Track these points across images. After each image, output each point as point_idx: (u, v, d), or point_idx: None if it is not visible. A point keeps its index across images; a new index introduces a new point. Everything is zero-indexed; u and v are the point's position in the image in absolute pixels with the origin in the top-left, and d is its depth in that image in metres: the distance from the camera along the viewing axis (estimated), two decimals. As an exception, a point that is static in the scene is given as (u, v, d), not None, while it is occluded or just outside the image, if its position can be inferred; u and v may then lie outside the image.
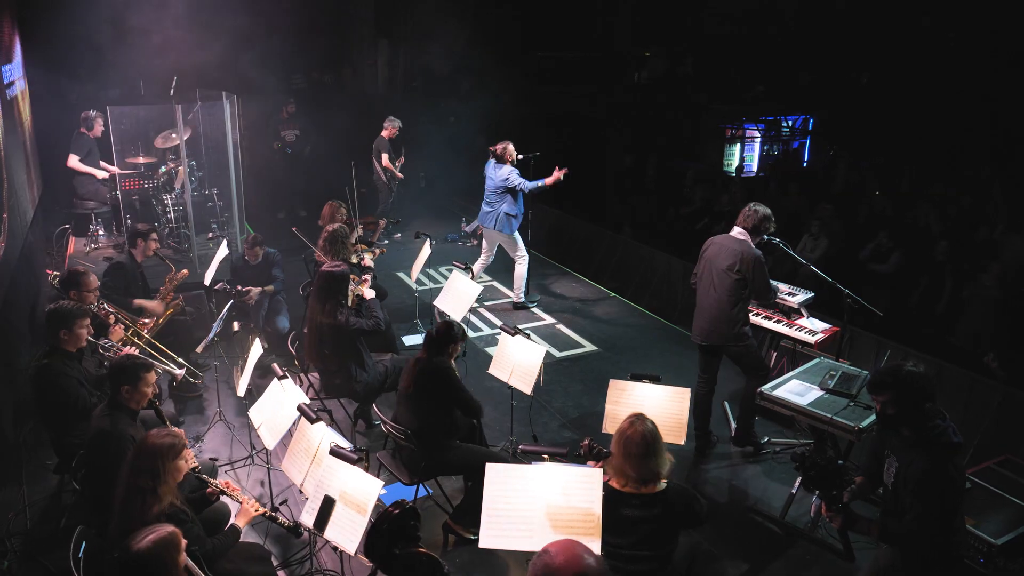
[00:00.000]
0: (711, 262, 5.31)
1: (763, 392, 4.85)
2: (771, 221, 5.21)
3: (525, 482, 3.04)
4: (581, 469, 3.10)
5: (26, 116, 8.62)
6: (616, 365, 7.16)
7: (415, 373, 4.42)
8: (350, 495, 3.40)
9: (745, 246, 5.13)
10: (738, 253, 5.12)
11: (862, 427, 4.43)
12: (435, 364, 4.40)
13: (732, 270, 5.16)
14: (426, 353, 4.46)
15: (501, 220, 7.93)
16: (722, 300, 5.24)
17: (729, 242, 5.23)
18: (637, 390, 4.49)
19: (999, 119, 12.36)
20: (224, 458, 5.45)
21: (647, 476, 3.25)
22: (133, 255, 6.13)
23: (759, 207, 5.21)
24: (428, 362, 4.41)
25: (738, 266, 5.12)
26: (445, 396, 4.39)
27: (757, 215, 5.17)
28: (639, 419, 3.35)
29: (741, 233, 5.21)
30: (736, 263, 5.13)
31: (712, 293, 5.30)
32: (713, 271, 5.29)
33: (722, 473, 5.54)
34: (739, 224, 5.24)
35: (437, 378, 4.36)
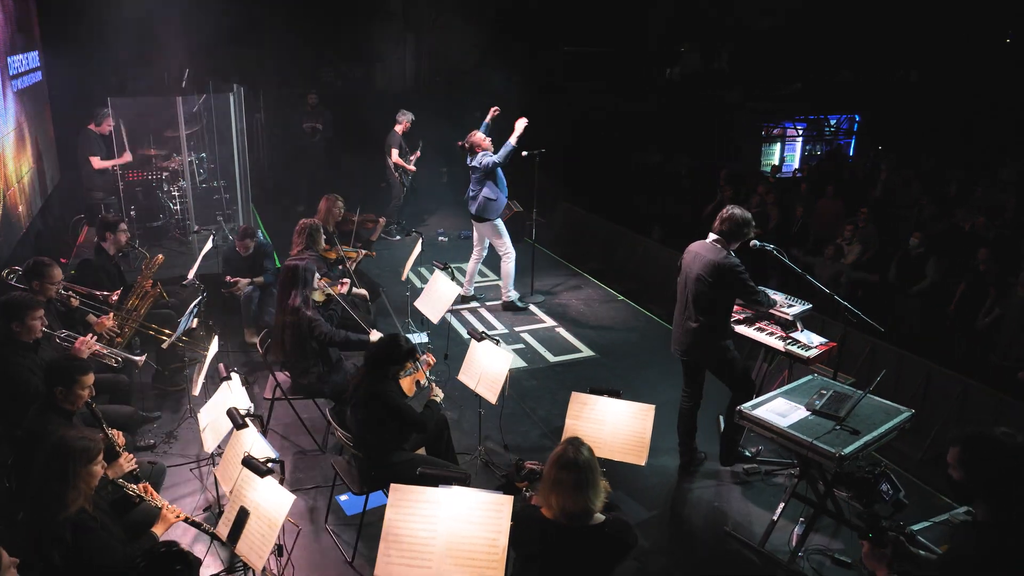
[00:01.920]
0: (687, 271, 4.99)
1: (742, 411, 4.51)
2: (750, 225, 4.87)
3: (429, 506, 2.81)
4: (490, 496, 2.85)
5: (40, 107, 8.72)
6: (612, 372, 6.87)
7: (358, 388, 4.21)
8: (263, 508, 3.22)
9: (720, 256, 4.80)
10: (712, 265, 4.80)
11: (844, 454, 4.06)
12: (373, 391, 4.12)
13: (705, 281, 4.84)
14: (367, 372, 4.21)
15: (481, 205, 7.72)
16: (698, 311, 4.92)
17: (704, 250, 4.91)
18: (599, 405, 4.22)
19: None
20: (192, 455, 5.35)
21: (576, 511, 2.95)
22: (104, 248, 6.08)
23: (736, 210, 4.87)
24: (369, 385, 4.16)
25: (711, 279, 4.81)
26: (385, 420, 4.16)
27: (733, 219, 4.83)
28: (574, 445, 3.03)
29: (716, 240, 4.88)
30: (709, 275, 4.81)
31: (688, 304, 4.99)
32: (688, 281, 4.98)
33: (705, 493, 5.21)
34: (714, 229, 4.91)
35: (376, 403, 4.12)
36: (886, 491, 3.80)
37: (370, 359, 4.19)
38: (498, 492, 2.85)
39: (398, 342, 4.20)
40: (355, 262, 6.87)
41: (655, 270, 9.13)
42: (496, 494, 2.85)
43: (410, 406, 4.20)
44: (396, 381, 4.30)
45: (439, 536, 2.76)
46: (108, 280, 6.14)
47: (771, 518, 4.66)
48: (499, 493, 2.85)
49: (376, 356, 4.17)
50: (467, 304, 8.33)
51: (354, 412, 4.25)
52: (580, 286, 9.22)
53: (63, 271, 5.21)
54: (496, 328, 7.76)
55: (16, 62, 7.51)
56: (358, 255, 6.87)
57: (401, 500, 2.83)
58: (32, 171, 7.87)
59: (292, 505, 4.85)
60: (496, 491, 2.87)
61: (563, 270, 9.90)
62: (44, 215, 8.27)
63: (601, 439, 4.15)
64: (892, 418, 4.45)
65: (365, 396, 4.12)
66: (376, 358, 4.17)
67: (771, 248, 5.13)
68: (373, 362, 4.17)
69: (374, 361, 4.17)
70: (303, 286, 5.17)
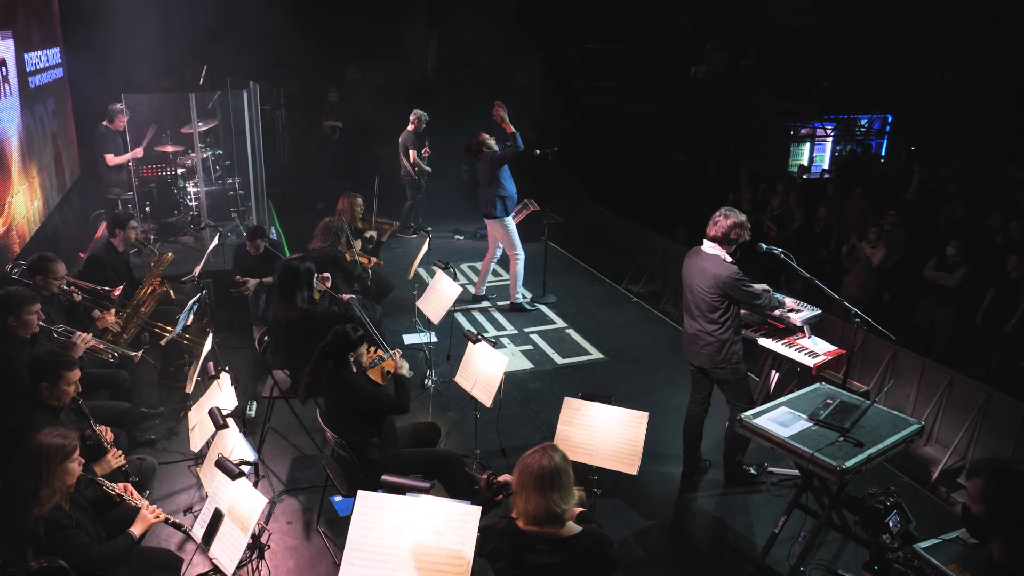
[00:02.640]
0: (689, 278, 4.86)
1: (743, 419, 4.36)
2: (744, 228, 4.71)
3: (395, 515, 2.73)
4: (457, 506, 2.75)
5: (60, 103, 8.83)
6: (619, 376, 6.74)
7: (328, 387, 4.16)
8: (237, 510, 3.17)
9: (718, 266, 4.66)
10: (711, 275, 4.67)
11: (846, 467, 3.89)
12: (344, 384, 4.08)
13: (707, 291, 4.71)
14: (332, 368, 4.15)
15: (492, 203, 7.63)
16: (704, 321, 4.79)
17: (701, 260, 4.77)
18: (591, 411, 4.10)
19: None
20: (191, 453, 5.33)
21: (542, 514, 2.83)
22: (113, 244, 6.11)
23: (730, 213, 4.72)
24: (335, 380, 4.10)
25: (711, 291, 4.69)
26: (361, 407, 4.09)
27: (727, 223, 4.68)
28: (545, 449, 2.93)
29: (711, 247, 4.74)
30: (709, 287, 4.70)
31: (693, 311, 4.87)
32: (691, 289, 4.85)
33: (707, 503, 5.07)
34: (708, 235, 4.77)
35: (349, 396, 4.06)
36: (895, 524, 3.63)
37: (325, 355, 4.13)
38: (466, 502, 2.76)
39: (345, 330, 4.16)
40: (366, 268, 6.83)
41: (677, 271, 8.90)
42: (463, 504, 2.76)
43: (384, 391, 4.16)
44: (364, 373, 4.25)
45: (404, 546, 2.68)
46: (116, 276, 6.17)
47: (773, 530, 4.50)
48: (466, 503, 2.76)
49: (331, 349, 4.12)
50: (479, 304, 8.25)
51: (330, 411, 4.20)
52: (595, 287, 9.09)
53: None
54: (506, 329, 7.67)
55: (34, 58, 7.61)
56: (369, 262, 6.84)
57: (367, 508, 2.75)
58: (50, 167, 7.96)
59: (286, 505, 4.93)
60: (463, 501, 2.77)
61: (578, 270, 9.77)
62: (63, 210, 8.37)
63: (593, 446, 4.04)
64: (899, 430, 4.27)
65: (336, 391, 4.07)
66: (332, 351, 4.12)
67: (779, 252, 4.96)
68: (329, 356, 4.12)
69: (331, 355, 4.12)
70: (306, 286, 5.13)
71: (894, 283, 9.32)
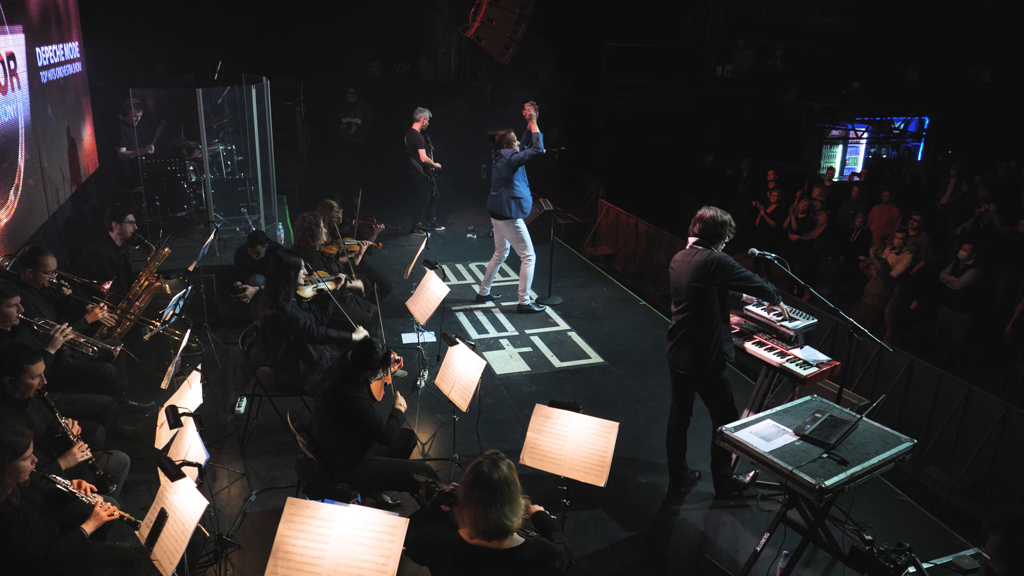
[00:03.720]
0: (677, 283, 4.70)
1: (723, 432, 4.18)
2: (728, 227, 4.56)
3: (323, 523, 2.64)
4: (383, 517, 2.65)
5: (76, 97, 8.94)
6: (617, 381, 6.59)
7: (326, 391, 4.08)
8: (179, 512, 3.12)
9: (705, 255, 4.51)
10: (699, 264, 4.51)
11: (826, 486, 3.70)
12: (345, 394, 3.99)
13: (696, 287, 4.55)
14: (340, 375, 4.07)
15: (507, 204, 7.53)
16: (689, 320, 4.63)
17: (689, 256, 4.62)
18: (561, 419, 3.97)
19: None
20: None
21: (493, 530, 2.73)
22: (111, 239, 6.14)
23: (709, 210, 4.57)
24: (340, 388, 4.02)
25: (702, 280, 4.52)
26: (351, 427, 4.01)
27: (714, 221, 4.52)
28: (491, 459, 2.82)
29: (698, 243, 4.59)
30: (699, 277, 4.52)
31: (679, 314, 4.70)
32: (680, 293, 4.69)
33: (692, 516, 4.89)
34: (691, 233, 4.62)
35: (343, 409, 3.97)
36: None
37: (343, 363, 4.06)
38: (394, 514, 2.66)
39: (374, 348, 4.06)
40: (359, 255, 6.77)
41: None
42: (391, 515, 2.66)
43: (378, 416, 4.06)
44: (367, 386, 4.16)
45: (328, 555, 2.59)
46: (113, 270, 6.21)
47: (754, 548, 4.32)
48: (394, 515, 2.66)
49: (351, 361, 4.04)
50: (482, 304, 8.15)
51: (318, 415, 4.13)
52: (603, 289, 8.92)
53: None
54: (506, 330, 7.56)
55: (48, 52, 7.71)
56: (360, 247, 6.77)
57: (295, 514, 2.67)
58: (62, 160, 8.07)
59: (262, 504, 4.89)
60: (391, 512, 2.67)
61: (588, 272, 9.61)
62: (76, 203, 8.48)
63: (562, 456, 3.92)
64: (889, 448, 4.05)
65: (334, 398, 4.00)
66: (351, 363, 4.03)
67: (772, 257, 4.77)
68: (347, 366, 4.03)
69: (348, 365, 4.03)
70: (284, 281, 5.09)
71: (921, 291, 9.01)
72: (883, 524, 4.84)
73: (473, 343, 4.68)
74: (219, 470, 5.12)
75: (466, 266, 9.42)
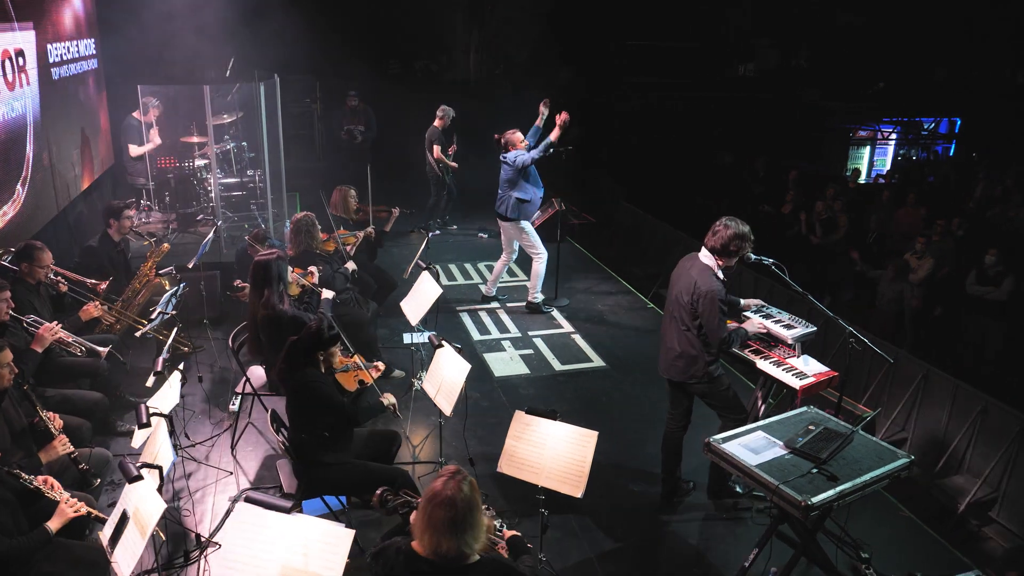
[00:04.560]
0: (674, 283, 4.58)
1: (710, 443, 4.05)
2: (746, 240, 4.39)
3: (269, 531, 2.58)
4: (328, 527, 2.58)
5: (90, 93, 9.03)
6: (617, 386, 6.47)
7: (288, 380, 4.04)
8: (140, 514, 3.08)
9: (705, 278, 4.35)
10: (693, 282, 4.37)
11: (812, 503, 3.56)
12: (303, 380, 3.95)
13: (687, 296, 4.42)
14: (289, 364, 4.03)
15: (512, 206, 7.46)
16: (680, 329, 4.50)
17: (691, 266, 4.48)
18: (540, 426, 3.88)
19: None
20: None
21: (450, 553, 2.64)
22: (108, 235, 6.17)
23: (732, 223, 4.39)
24: (298, 375, 3.98)
25: (691, 296, 4.39)
26: (313, 410, 3.97)
27: (727, 233, 4.36)
28: (455, 479, 2.69)
29: (708, 257, 4.43)
30: (688, 295, 4.39)
31: (672, 320, 4.58)
32: (674, 294, 4.56)
33: (684, 528, 4.76)
34: (706, 243, 4.46)
35: (305, 392, 3.94)
36: None
37: (295, 348, 4.02)
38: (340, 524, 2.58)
39: (320, 327, 4.02)
40: (355, 246, 6.71)
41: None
42: (336, 526, 2.59)
43: (341, 398, 4.01)
44: (330, 374, 4.12)
45: (273, 565, 2.53)
46: (112, 266, 6.25)
47: (742, 564, 4.18)
48: (340, 526, 2.58)
49: (301, 345, 3.99)
50: (487, 304, 8.07)
51: (288, 406, 4.10)
52: (611, 291, 8.78)
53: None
54: (509, 331, 7.47)
55: (60, 49, 7.79)
56: (356, 238, 6.72)
57: (245, 520, 2.62)
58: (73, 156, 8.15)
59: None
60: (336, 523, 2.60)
61: (598, 274, 9.47)
62: (88, 198, 8.57)
63: (540, 464, 3.82)
64: (883, 464, 3.90)
65: (295, 387, 3.96)
66: (300, 347, 3.99)
67: (769, 263, 4.61)
68: (297, 351, 3.99)
69: (298, 350, 3.99)
70: (277, 282, 5.06)
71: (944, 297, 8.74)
72: (882, 541, 4.66)
73: (459, 346, 4.59)
74: (208, 468, 5.10)
75: (475, 266, 9.34)
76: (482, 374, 6.56)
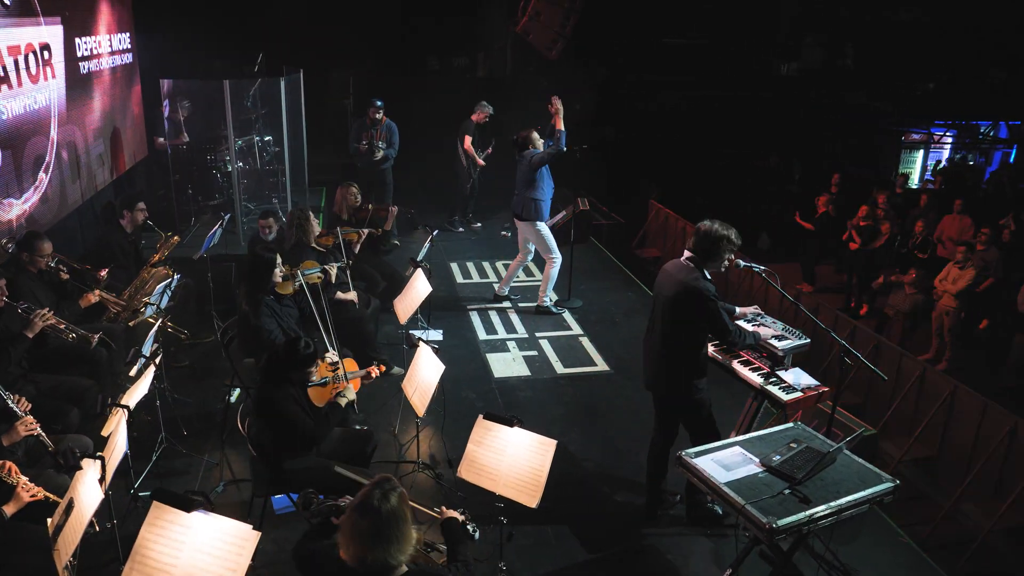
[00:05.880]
0: (658, 293, 4.39)
1: (681, 456, 3.89)
2: (729, 243, 4.18)
3: (181, 530, 2.55)
4: (235, 527, 2.53)
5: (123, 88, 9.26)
6: (619, 392, 6.31)
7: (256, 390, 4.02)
8: (81, 503, 3.11)
9: (691, 278, 4.16)
10: (680, 285, 4.18)
11: (778, 526, 3.37)
12: (267, 395, 3.91)
13: (672, 307, 4.23)
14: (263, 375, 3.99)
15: (527, 206, 7.35)
16: (664, 340, 4.32)
17: (675, 269, 4.29)
18: (501, 433, 3.77)
19: None
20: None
21: (372, 563, 2.55)
22: (122, 226, 6.30)
23: (713, 225, 4.20)
24: (264, 389, 3.94)
25: (678, 304, 4.20)
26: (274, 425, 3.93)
27: (709, 235, 4.17)
28: (382, 489, 2.59)
29: (692, 259, 4.24)
30: (676, 299, 4.20)
31: (656, 330, 4.40)
32: (658, 304, 4.38)
33: (664, 541, 4.59)
34: (688, 246, 4.27)
35: (265, 406, 3.89)
36: None
37: (267, 362, 3.98)
38: (248, 526, 2.53)
39: (296, 346, 3.95)
40: (357, 243, 6.70)
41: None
42: (242, 527, 2.54)
43: (304, 417, 3.96)
44: (301, 387, 4.07)
45: (180, 563, 2.51)
46: (124, 257, 6.38)
47: (715, 584, 4.01)
48: (247, 527, 2.53)
49: (273, 359, 3.96)
50: (499, 304, 7.98)
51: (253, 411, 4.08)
52: (628, 294, 8.60)
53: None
54: (516, 331, 7.37)
55: (89, 43, 8.00)
56: (359, 235, 6.69)
57: (158, 518, 2.60)
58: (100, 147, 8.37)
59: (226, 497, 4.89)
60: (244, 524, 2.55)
61: (617, 275, 9.28)
62: (119, 189, 8.80)
63: (499, 471, 3.72)
64: (864, 488, 3.68)
65: (258, 399, 3.93)
66: (273, 361, 3.96)
67: (759, 270, 4.41)
68: (269, 365, 3.96)
69: (270, 364, 3.96)
70: (257, 279, 5.07)
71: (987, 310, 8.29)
72: (877, 567, 4.43)
73: (436, 346, 4.52)
74: (195, 459, 5.16)
75: (492, 264, 9.27)
76: (482, 374, 6.48)
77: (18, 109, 6.36)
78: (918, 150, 15.81)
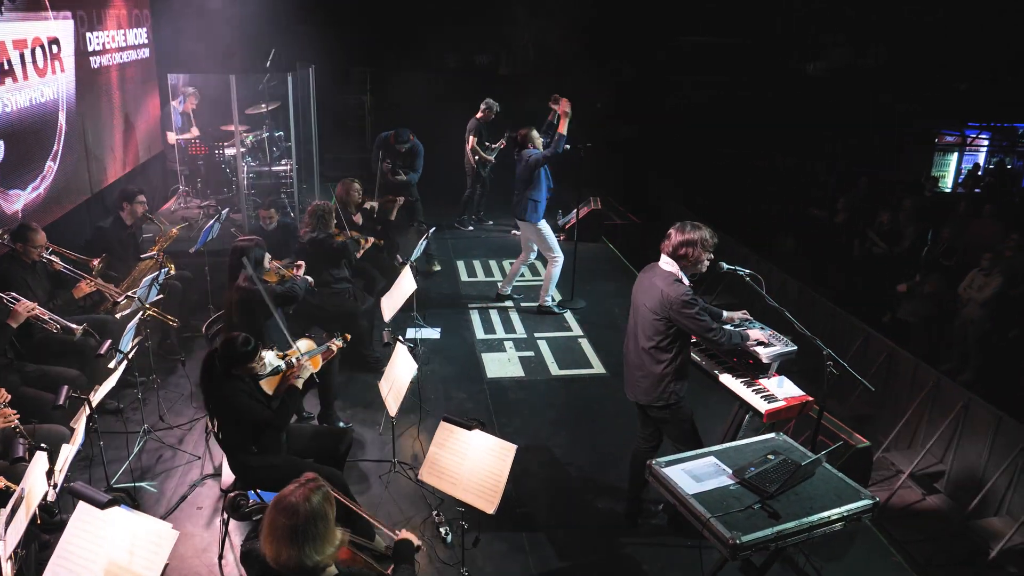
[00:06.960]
0: (636, 296, 4.27)
1: (651, 465, 3.75)
2: (703, 246, 4.04)
3: (104, 526, 2.51)
4: (153, 525, 2.48)
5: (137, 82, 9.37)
6: (611, 395, 6.16)
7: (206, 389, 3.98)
8: (29, 495, 3.10)
9: (669, 285, 4.02)
10: (658, 292, 4.05)
11: (741, 542, 3.23)
12: (219, 393, 3.87)
13: (652, 311, 4.10)
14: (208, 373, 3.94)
15: (526, 206, 7.26)
16: (643, 348, 4.20)
17: (653, 276, 4.15)
18: (462, 436, 3.69)
19: None
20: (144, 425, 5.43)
21: (289, 565, 2.49)
22: (121, 218, 6.35)
23: (688, 227, 4.06)
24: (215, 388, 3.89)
25: (658, 311, 4.06)
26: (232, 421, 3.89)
27: (677, 238, 4.04)
28: (305, 487, 2.54)
29: (668, 263, 4.11)
30: (655, 307, 4.07)
31: (634, 337, 4.28)
32: (636, 308, 4.26)
33: (642, 551, 4.46)
34: (663, 249, 4.14)
35: (220, 405, 3.85)
36: None
37: (206, 361, 3.93)
38: (167, 524, 2.48)
39: (233, 344, 3.88)
40: (362, 250, 6.68)
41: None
42: (161, 524, 2.49)
43: (259, 407, 3.91)
44: (252, 381, 4.02)
45: (100, 561, 2.47)
46: (122, 249, 6.44)
47: (686, 599, 3.88)
48: (166, 525, 2.48)
49: (218, 355, 3.91)
50: (500, 303, 7.90)
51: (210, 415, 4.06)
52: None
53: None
54: (515, 331, 7.28)
55: (101, 38, 8.09)
56: (366, 242, 6.67)
57: (84, 515, 2.57)
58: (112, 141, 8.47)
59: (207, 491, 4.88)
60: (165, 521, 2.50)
61: (625, 277, 9.09)
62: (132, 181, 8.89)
63: (460, 475, 3.64)
64: (841, 504, 3.50)
65: (213, 398, 3.90)
66: (213, 360, 3.91)
67: (744, 273, 4.25)
68: (210, 363, 3.91)
69: (210, 363, 3.91)
70: (254, 266, 5.05)
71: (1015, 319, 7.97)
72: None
73: (412, 345, 4.44)
74: (178, 452, 5.16)
75: (499, 263, 9.18)
76: (474, 374, 6.41)
77: (23, 102, 6.45)
78: (952, 152, 15.32)
